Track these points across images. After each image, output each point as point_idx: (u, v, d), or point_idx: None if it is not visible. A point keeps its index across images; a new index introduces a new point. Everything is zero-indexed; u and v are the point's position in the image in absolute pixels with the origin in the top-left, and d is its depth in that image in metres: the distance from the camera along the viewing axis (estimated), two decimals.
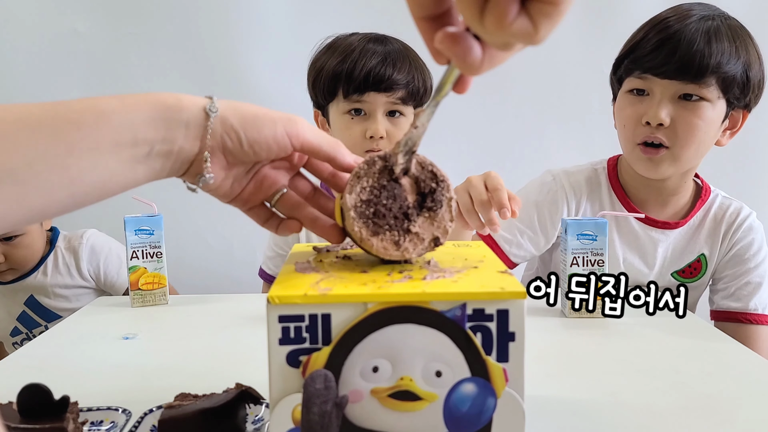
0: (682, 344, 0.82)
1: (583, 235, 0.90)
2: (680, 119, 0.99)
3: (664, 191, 1.10)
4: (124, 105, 0.41)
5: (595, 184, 1.14)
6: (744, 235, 1.10)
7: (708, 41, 0.96)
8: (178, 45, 1.76)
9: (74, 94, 1.74)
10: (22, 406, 0.50)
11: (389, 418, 0.40)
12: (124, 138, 0.41)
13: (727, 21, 1.01)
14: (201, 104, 0.44)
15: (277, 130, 0.45)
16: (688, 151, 1.01)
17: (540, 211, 1.13)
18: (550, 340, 0.83)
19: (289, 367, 0.40)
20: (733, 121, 1.05)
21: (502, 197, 0.78)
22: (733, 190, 1.17)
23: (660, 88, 0.99)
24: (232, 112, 0.44)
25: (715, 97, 0.98)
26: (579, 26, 1.75)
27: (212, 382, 0.59)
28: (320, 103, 1.17)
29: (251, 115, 0.45)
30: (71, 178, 0.40)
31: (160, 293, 1.01)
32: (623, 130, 1.06)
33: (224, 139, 0.44)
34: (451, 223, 0.46)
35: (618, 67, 1.07)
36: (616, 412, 0.60)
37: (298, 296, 0.39)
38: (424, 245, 0.46)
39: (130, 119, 0.41)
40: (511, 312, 0.39)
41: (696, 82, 0.96)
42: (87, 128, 0.40)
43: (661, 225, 1.11)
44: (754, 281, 1.09)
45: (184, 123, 0.43)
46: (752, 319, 1.08)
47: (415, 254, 0.46)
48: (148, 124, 0.42)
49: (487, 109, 1.84)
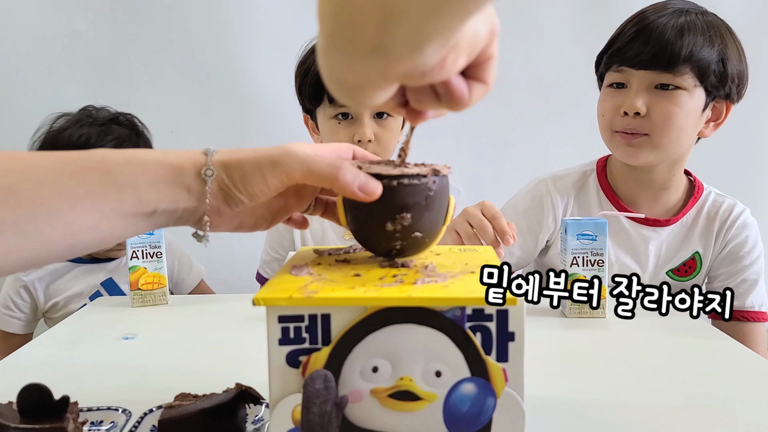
0: (682, 344, 0.82)
1: (583, 235, 0.90)
2: (656, 107, 1.01)
3: (653, 186, 1.10)
4: (128, 163, 0.42)
5: (582, 186, 1.16)
6: (738, 232, 1.10)
7: (680, 31, 0.98)
8: (178, 45, 1.76)
9: (74, 93, 1.74)
10: (22, 406, 0.50)
11: (389, 418, 0.40)
12: (129, 198, 0.41)
13: (704, 16, 1.03)
14: (198, 165, 0.44)
15: (267, 179, 0.44)
16: (668, 138, 1.02)
17: (528, 219, 1.15)
18: (550, 340, 0.83)
19: (288, 367, 0.40)
20: (716, 113, 1.06)
21: (503, 224, 0.82)
22: (733, 191, 1.17)
23: (636, 79, 1.02)
24: (224, 170, 0.44)
25: (692, 85, 1.00)
26: (579, 25, 1.75)
27: (212, 382, 0.59)
28: (308, 108, 1.18)
29: (240, 172, 0.44)
30: (73, 233, 0.40)
31: (160, 293, 1.01)
32: (602, 119, 1.09)
33: (223, 196, 0.45)
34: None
35: (599, 63, 1.09)
36: (616, 412, 0.60)
37: (283, 298, 0.39)
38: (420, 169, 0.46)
39: (134, 180, 0.41)
40: (511, 312, 0.39)
41: (670, 71, 0.99)
42: (91, 186, 0.40)
43: (651, 222, 1.11)
44: (749, 279, 1.09)
45: (186, 187, 0.43)
46: (749, 317, 1.08)
47: (414, 169, 0.46)
48: (152, 187, 0.42)
49: (487, 109, 1.83)
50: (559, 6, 1.79)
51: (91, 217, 0.40)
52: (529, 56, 1.81)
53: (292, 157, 0.44)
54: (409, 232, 0.46)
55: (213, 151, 0.44)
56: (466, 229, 0.85)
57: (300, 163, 0.44)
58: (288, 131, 1.61)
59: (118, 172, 0.41)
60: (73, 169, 0.40)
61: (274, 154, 0.44)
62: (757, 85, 1.70)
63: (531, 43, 1.81)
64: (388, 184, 0.45)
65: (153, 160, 0.43)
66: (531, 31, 1.81)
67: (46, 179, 0.39)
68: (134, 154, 0.43)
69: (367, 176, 0.44)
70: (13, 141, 1.77)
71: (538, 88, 1.81)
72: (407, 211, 0.45)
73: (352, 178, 0.43)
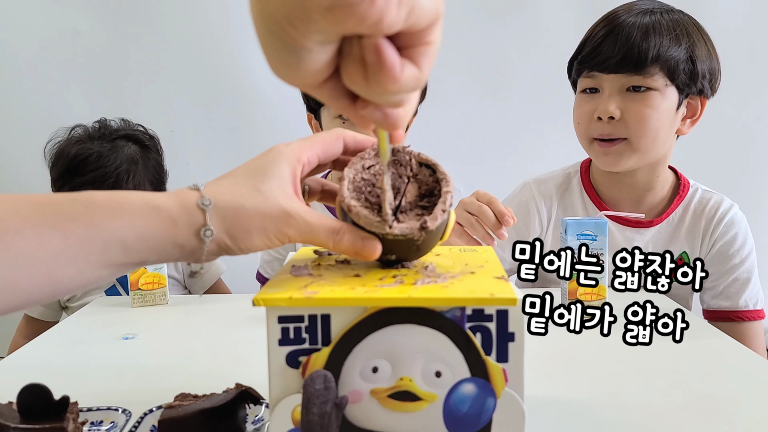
0: (682, 344, 0.81)
1: (583, 235, 0.90)
2: (630, 110, 1.01)
3: (636, 187, 1.10)
4: (115, 214, 0.39)
5: (566, 188, 1.16)
6: (726, 230, 1.08)
7: (645, 32, 0.98)
8: (178, 45, 1.76)
9: (74, 93, 1.75)
10: (22, 406, 0.50)
11: (389, 419, 0.40)
12: (114, 252, 0.39)
13: (670, 14, 1.02)
14: (195, 223, 0.41)
15: (271, 241, 0.43)
16: (645, 141, 1.02)
17: (516, 224, 1.14)
18: (550, 340, 0.83)
19: (288, 367, 0.40)
20: (692, 110, 1.06)
21: (500, 207, 0.83)
22: (733, 191, 1.17)
23: (608, 83, 1.02)
24: (225, 231, 0.41)
25: (663, 85, 1.00)
26: (580, 26, 1.74)
27: (212, 382, 0.59)
28: (312, 107, 1.18)
29: (242, 233, 0.42)
30: (53, 282, 0.38)
31: (160, 293, 1.01)
32: (578, 127, 1.09)
33: (219, 251, 0.43)
34: (443, 213, 0.45)
35: (571, 69, 1.09)
36: (616, 412, 0.60)
37: (283, 299, 0.39)
38: (408, 224, 0.44)
39: (121, 234, 0.39)
40: (511, 312, 0.39)
41: (639, 73, 0.99)
42: (74, 240, 0.38)
43: (635, 224, 1.10)
44: (741, 277, 1.08)
45: (179, 245, 0.41)
46: (743, 316, 1.07)
47: (398, 230, 0.44)
48: (141, 241, 0.40)
49: (487, 110, 1.84)
50: (559, 6, 1.79)
51: (74, 267, 0.38)
52: (530, 56, 1.81)
53: (295, 226, 0.42)
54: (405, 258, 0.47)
55: (209, 204, 0.41)
56: (467, 217, 0.86)
57: (303, 233, 0.43)
58: (288, 132, 1.61)
59: (103, 225, 0.39)
60: (54, 221, 0.38)
61: (277, 217, 0.42)
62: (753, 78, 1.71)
63: (531, 43, 1.81)
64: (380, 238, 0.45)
65: (142, 209, 0.40)
66: (531, 31, 1.81)
67: (24, 228, 0.37)
68: (121, 202, 0.40)
69: (364, 239, 0.44)
70: (14, 140, 1.78)
71: (538, 88, 1.81)
72: (399, 255, 0.46)
73: (351, 244, 0.43)
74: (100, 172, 1.18)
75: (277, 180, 0.43)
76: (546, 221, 1.14)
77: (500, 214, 0.83)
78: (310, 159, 0.46)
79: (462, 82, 1.80)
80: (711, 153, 1.72)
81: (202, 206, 0.41)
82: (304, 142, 0.46)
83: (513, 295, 0.39)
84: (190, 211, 0.41)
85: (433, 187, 0.47)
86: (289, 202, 0.42)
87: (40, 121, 1.78)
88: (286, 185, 0.43)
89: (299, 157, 0.45)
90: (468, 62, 1.80)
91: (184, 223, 0.40)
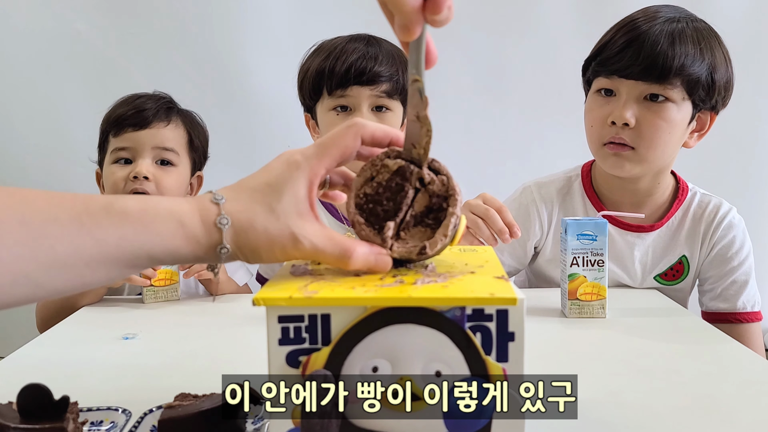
0: (682, 344, 0.82)
1: (583, 235, 0.90)
2: (645, 120, 0.99)
3: (637, 193, 1.10)
4: (146, 229, 0.42)
5: (567, 192, 1.15)
6: (724, 233, 1.08)
7: (672, 43, 0.97)
8: (179, 45, 1.76)
9: (74, 93, 1.75)
10: (22, 406, 0.50)
11: (389, 419, 0.40)
12: (142, 260, 0.43)
13: (694, 23, 1.01)
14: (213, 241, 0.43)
15: (279, 258, 0.45)
16: (654, 153, 1.01)
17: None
18: (550, 340, 0.83)
19: (288, 367, 0.40)
20: (700, 124, 1.05)
21: (509, 217, 0.87)
22: (733, 191, 1.17)
23: (626, 88, 1.00)
24: (238, 249, 0.44)
25: (680, 98, 0.99)
26: (580, 26, 1.75)
27: (212, 382, 0.59)
28: (308, 104, 1.18)
29: (253, 253, 0.44)
30: (84, 283, 0.42)
31: (172, 289, 1.04)
32: (591, 130, 1.07)
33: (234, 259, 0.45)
34: (444, 237, 0.46)
35: (587, 69, 1.08)
36: (616, 412, 0.60)
37: (283, 298, 0.39)
38: (407, 248, 0.46)
39: (150, 248, 0.42)
40: (511, 312, 0.39)
41: (661, 82, 0.97)
42: (107, 248, 0.41)
43: (635, 228, 1.10)
44: (739, 280, 1.08)
45: (200, 258, 0.44)
46: (741, 318, 1.08)
47: (396, 253, 0.45)
48: (167, 255, 0.43)
49: (489, 111, 1.84)
50: (560, 6, 1.79)
51: (103, 271, 0.42)
52: (530, 56, 1.81)
53: (302, 250, 0.44)
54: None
55: (226, 224, 0.43)
56: (473, 218, 0.88)
57: (309, 257, 0.45)
58: (288, 132, 1.61)
59: (133, 239, 0.41)
60: (89, 230, 0.40)
61: (284, 240, 0.43)
62: (756, 82, 1.71)
63: (532, 43, 1.81)
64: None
65: (169, 224, 0.42)
66: (532, 31, 1.81)
67: (62, 237, 0.40)
68: (153, 215, 0.42)
69: (377, 257, 0.45)
70: (14, 140, 1.78)
71: (538, 88, 1.81)
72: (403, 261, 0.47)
73: (363, 264, 0.45)
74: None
75: (293, 198, 0.44)
76: (546, 225, 1.14)
77: (510, 225, 0.87)
78: (329, 168, 0.46)
79: (463, 87, 1.80)
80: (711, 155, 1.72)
81: (219, 225, 0.43)
82: (323, 151, 0.46)
83: (513, 295, 0.39)
84: (209, 229, 0.43)
85: (442, 201, 0.47)
86: (299, 224, 0.44)
87: (41, 121, 1.78)
88: (301, 203, 0.44)
89: (317, 173, 0.45)
90: (469, 67, 1.80)
91: (205, 242, 0.43)
